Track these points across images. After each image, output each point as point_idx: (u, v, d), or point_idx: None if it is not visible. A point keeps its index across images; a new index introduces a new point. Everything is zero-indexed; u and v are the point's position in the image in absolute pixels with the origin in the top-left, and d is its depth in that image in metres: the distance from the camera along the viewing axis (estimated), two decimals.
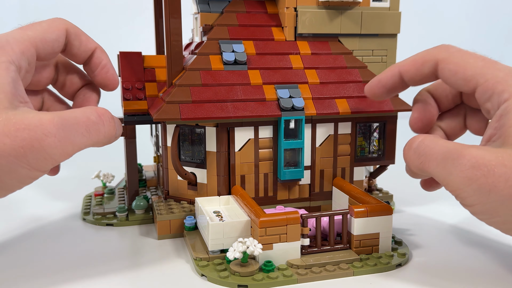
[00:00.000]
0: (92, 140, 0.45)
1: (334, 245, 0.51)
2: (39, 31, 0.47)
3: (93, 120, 0.45)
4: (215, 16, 0.65)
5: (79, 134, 0.43)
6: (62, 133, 0.42)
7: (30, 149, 0.40)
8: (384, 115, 0.62)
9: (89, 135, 0.44)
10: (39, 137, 0.40)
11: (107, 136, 0.46)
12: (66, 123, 0.42)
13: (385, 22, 0.66)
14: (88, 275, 0.49)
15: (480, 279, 0.48)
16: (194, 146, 0.60)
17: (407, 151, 0.47)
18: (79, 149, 0.44)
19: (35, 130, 0.40)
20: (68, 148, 0.43)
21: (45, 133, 0.41)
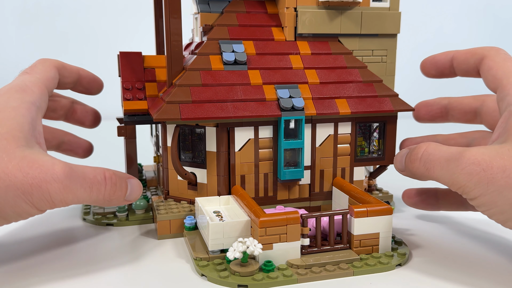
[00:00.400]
0: (92, 198, 0.48)
1: (334, 245, 0.51)
2: (43, 73, 0.55)
3: (98, 180, 0.48)
4: (215, 16, 0.65)
5: (82, 188, 0.47)
6: (68, 182, 0.45)
7: (37, 189, 0.44)
8: (384, 115, 0.62)
9: (91, 192, 0.48)
10: (48, 180, 0.44)
11: (107, 198, 0.50)
12: (74, 175, 0.46)
13: (385, 22, 0.66)
14: (88, 275, 0.49)
15: (480, 279, 0.48)
16: (194, 146, 0.60)
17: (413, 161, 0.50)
18: (78, 201, 0.47)
19: (46, 172, 0.44)
20: (69, 197, 0.46)
21: (54, 178, 0.44)
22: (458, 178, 0.45)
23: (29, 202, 0.44)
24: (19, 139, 0.46)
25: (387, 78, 0.68)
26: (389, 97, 0.62)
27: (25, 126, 0.47)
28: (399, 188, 0.73)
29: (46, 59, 0.58)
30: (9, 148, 0.44)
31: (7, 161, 0.44)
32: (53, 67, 0.57)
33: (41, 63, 0.57)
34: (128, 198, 0.52)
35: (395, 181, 0.72)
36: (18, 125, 0.47)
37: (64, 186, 0.45)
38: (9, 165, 0.43)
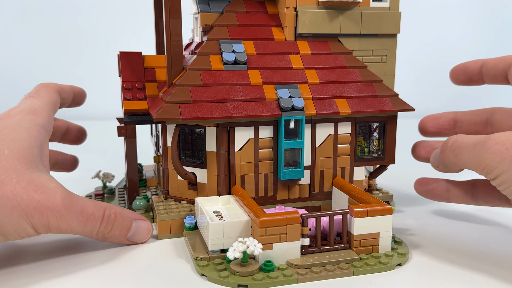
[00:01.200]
0: (86, 232, 0.51)
1: (334, 245, 0.51)
2: (48, 97, 0.57)
3: (95, 217, 0.50)
4: (215, 16, 0.65)
5: (77, 222, 0.49)
6: (65, 212, 0.47)
7: (38, 213, 0.46)
8: (384, 115, 0.63)
9: (85, 227, 0.50)
10: (48, 207, 0.46)
11: (100, 235, 0.52)
12: (73, 208, 0.48)
13: (385, 22, 0.66)
14: (88, 274, 0.49)
15: (480, 279, 0.48)
16: (194, 146, 0.60)
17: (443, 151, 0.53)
18: (73, 232, 0.50)
19: (47, 199, 0.47)
20: (63, 226, 0.48)
21: (54, 206, 0.47)
22: (483, 158, 0.47)
23: (30, 223, 0.46)
24: (29, 161, 0.48)
25: (387, 78, 0.68)
26: (389, 97, 0.62)
27: (35, 149, 0.50)
28: (399, 188, 0.73)
29: (47, 84, 0.61)
30: (19, 169, 0.47)
31: (16, 182, 0.46)
32: (55, 91, 0.60)
33: (44, 87, 0.60)
34: (131, 238, 0.55)
35: (395, 181, 0.73)
36: (29, 147, 0.49)
37: (60, 216, 0.47)
38: (17, 186, 0.46)
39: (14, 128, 0.50)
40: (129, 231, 0.54)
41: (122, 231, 0.53)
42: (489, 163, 0.47)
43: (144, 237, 0.56)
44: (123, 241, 0.54)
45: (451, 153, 0.52)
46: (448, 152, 0.52)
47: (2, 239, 0.47)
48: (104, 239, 0.53)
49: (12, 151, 0.48)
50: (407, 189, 0.77)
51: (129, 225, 0.54)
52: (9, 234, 0.46)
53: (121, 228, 0.53)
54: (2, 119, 0.52)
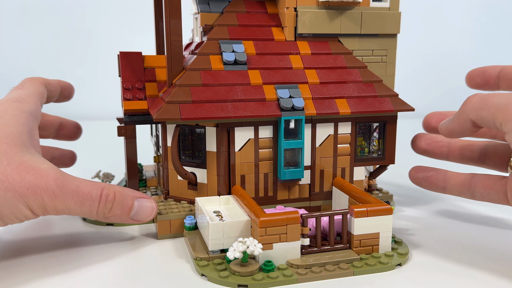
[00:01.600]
0: (85, 212, 0.50)
1: (334, 245, 0.51)
2: (34, 88, 0.58)
3: (92, 196, 0.49)
4: (215, 16, 0.65)
5: (73, 201, 0.48)
6: (59, 192, 0.47)
7: (32, 193, 0.46)
8: (384, 115, 0.63)
9: (82, 206, 0.49)
10: (41, 187, 0.46)
11: (101, 215, 0.51)
12: (67, 187, 0.48)
13: (385, 22, 0.66)
14: (88, 274, 0.49)
15: (481, 279, 0.48)
16: (194, 146, 0.60)
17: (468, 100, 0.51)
18: (71, 213, 0.49)
19: (40, 179, 0.46)
20: (59, 206, 0.48)
21: (47, 186, 0.47)
22: None
23: (25, 204, 0.46)
24: (19, 145, 0.48)
25: (387, 78, 0.68)
26: (389, 97, 0.62)
27: (24, 134, 0.50)
28: (399, 188, 0.73)
29: (33, 77, 0.61)
30: (9, 152, 0.47)
31: (6, 164, 0.46)
32: (41, 83, 0.60)
33: (30, 81, 0.60)
34: (134, 217, 0.53)
35: (395, 181, 0.73)
36: (18, 132, 0.49)
37: (55, 195, 0.47)
38: (8, 168, 0.46)
39: (0, 116, 0.50)
40: (132, 210, 0.52)
41: (123, 209, 0.52)
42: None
43: (148, 216, 0.54)
44: (126, 220, 0.53)
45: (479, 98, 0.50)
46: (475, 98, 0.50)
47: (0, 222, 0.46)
48: (106, 219, 0.51)
49: (0, 136, 0.48)
50: (407, 189, 0.77)
51: (131, 203, 0.52)
52: (6, 216, 0.46)
53: (122, 207, 0.52)
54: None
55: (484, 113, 0.49)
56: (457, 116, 0.53)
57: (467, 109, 0.51)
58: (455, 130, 0.54)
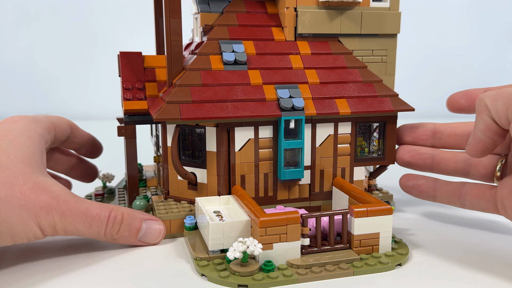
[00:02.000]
0: (92, 234, 0.51)
1: (334, 245, 0.51)
2: (55, 119, 0.60)
3: (100, 218, 0.51)
4: (215, 16, 0.65)
5: (81, 222, 0.50)
6: (69, 213, 0.49)
7: (45, 214, 0.48)
8: (384, 115, 0.63)
9: (90, 228, 0.51)
10: (53, 207, 0.48)
11: (108, 237, 0.52)
12: (76, 208, 0.49)
13: (385, 22, 0.66)
14: (88, 274, 0.49)
15: (480, 278, 0.48)
16: (194, 146, 0.60)
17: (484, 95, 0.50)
18: (79, 234, 0.51)
19: (52, 200, 0.48)
20: (68, 227, 0.49)
21: (59, 207, 0.48)
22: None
23: (37, 224, 0.48)
24: (33, 166, 0.50)
25: (387, 78, 0.68)
26: (389, 97, 0.62)
27: (37, 155, 0.52)
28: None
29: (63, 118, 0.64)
30: (25, 172, 0.49)
31: (23, 183, 0.48)
32: (67, 122, 0.63)
33: (57, 116, 0.62)
34: (142, 239, 0.54)
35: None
36: (32, 154, 0.51)
37: (65, 216, 0.49)
38: (24, 187, 0.48)
39: (17, 135, 0.52)
40: (140, 232, 0.54)
41: (131, 232, 0.53)
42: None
43: (155, 238, 0.55)
44: (134, 242, 0.54)
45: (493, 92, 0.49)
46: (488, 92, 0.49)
47: (9, 240, 0.47)
48: (114, 240, 0.53)
49: (17, 156, 0.50)
50: None
51: (139, 225, 0.54)
52: (16, 234, 0.47)
53: (129, 229, 0.53)
54: (3, 123, 0.54)
55: (499, 104, 0.48)
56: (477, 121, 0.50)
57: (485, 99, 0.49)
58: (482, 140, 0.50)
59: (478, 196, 0.56)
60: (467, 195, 0.57)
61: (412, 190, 0.62)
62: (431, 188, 0.60)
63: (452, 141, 0.62)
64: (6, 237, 0.47)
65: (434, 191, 0.60)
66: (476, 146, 0.51)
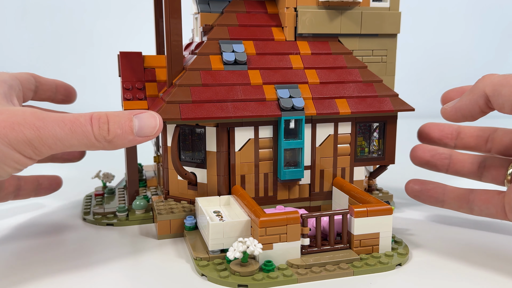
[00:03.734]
0: (81, 141, 0.46)
1: (334, 245, 0.51)
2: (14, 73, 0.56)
3: (80, 122, 0.46)
4: (215, 16, 0.65)
5: (61, 130, 0.45)
6: (41, 124, 0.44)
7: (10, 130, 0.43)
8: (384, 115, 0.63)
9: (74, 134, 0.45)
10: (19, 122, 0.43)
11: (101, 139, 0.47)
12: (48, 118, 0.45)
13: (385, 22, 0.66)
14: (88, 274, 0.49)
15: (480, 278, 0.48)
16: (194, 146, 0.60)
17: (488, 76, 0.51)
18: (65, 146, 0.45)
19: (15, 115, 0.44)
20: (48, 139, 0.44)
21: (25, 121, 0.44)
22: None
23: (9, 145, 0.43)
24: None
25: (387, 78, 0.68)
26: (389, 97, 0.62)
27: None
28: (399, 188, 0.73)
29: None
30: None
31: None
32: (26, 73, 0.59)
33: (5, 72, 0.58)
34: (140, 133, 0.48)
35: (395, 181, 0.73)
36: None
37: (37, 128, 0.44)
38: None
39: None
40: (134, 127, 0.48)
41: (123, 128, 0.47)
42: None
43: (153, 127, 0.49)
44: (133, 139, 0.48)
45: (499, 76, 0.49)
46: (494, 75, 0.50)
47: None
48: (110, 143, 0.47)
49: None
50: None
51: (129, 121, 0.48)
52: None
53: (120, 126, 0.47)
54: None
55: (504, 90, 0.48)
56: (470, 92, 0.52)
57: (484, 84, 0.50)
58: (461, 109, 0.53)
59: (486, 201, 0.56)
60: (476, 200, 0.57)
61: (420, 195, 0.61)
62: (440, 193, 0.60)
63: (474, 142, 0.63)
64: None
65: (443, 196, 0.60)
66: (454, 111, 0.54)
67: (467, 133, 0.63)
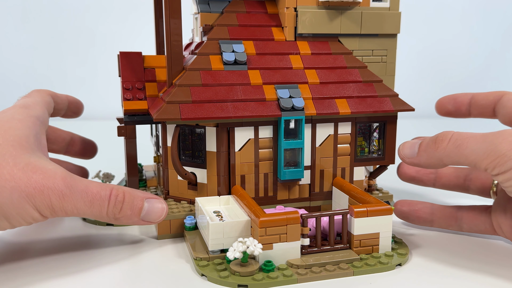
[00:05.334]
0: (94, 213, 0.49)
1: (334, 245, 0.51)
2: (40, 97, 0.58)
3: (101, 196, 0.48)
4: (215, 16, 0.65)
5: (82, 201, 0.47)
6: (67, 191, 0.46)
7: (40, 193, 0.45)
8: (384, 115, 0.63)
9: (91, 207, 0.48)
10: (49, 186, 0.46)
11: (111, 216, 0.50)
12: (75, 187, 0.47)
13: (385, 22, 0.66)
14: (88, 274, 0.49)
15: (480, 278, 0.48)
16: (194, 146, 0.60)
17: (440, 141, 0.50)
18: (79, 214, 0.48)
19: (48, 178, 0.46)
20: (68, 207, 0.47)
21: (54, 186, 0.46)
22: (498, 147, 0.45)
23: (33, 205, 0.45)
24: (25, 148, 0.48)
25: (387, 78, 0.68)
26: (389, 97, 0.62)
27: (30, 138, 0.49)
28: (399, 188, 0.73)
29: (40, 89, 0.62)
30: (15, 155, 0.46)
31: (13, 165, 0.45)
32: (47, 94, 0.61)
33: (37, 91, 0.60)
34: (145, 218, 0.52)
35: (395, 181, 0.73)
36: (24, 136, 0.49)
37: (63, 195, 0.46)
38: (14, 168, 0.45)
39: (7, 120, 0.50)
40: (142, 211, 0.51)
41: (133, 210, 0.51)
42: (505, 153, 0.45)
43: (158, 216, 0.52)
44: (137, 221, 0.52)
45: (452, 144, 0.49)
46: (446, 143, 0.49)
47: (6, 224, 0.46)
48: (116, 220, 0.50)
49: (7, 139, 0.47)
50: (407, 189, 0.77)
51: (141, 204, 0.51)
52: (12, 218, 0.45)
53: (132, 208, 0.50)
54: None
55: (461, 160, 0.49)
56: (427, 156, 0.51)
57: (440, 155, 0.50)
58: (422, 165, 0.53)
59: (474, 218, 0.57)
60: (464, 218, 0.58)
61: (409, 216, 0.61)
62: (428, 213, 0.60)
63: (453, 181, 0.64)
64: (1, 221, 0.45)
65: (431, 216, 0.60)
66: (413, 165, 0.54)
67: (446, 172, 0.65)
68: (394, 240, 0.55)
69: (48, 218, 0.47)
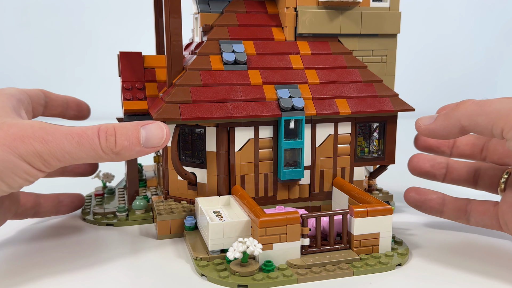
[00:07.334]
0: (89, 154, 0.47)
1: (334, 245, 0.51)
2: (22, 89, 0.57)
3: (88, 135, 0.46)
4: (215, 16, 0.65)
5: (69, 144, 0.45)
6: (50, 137, 0.45)
7: (20, 143, 0.44)
8: (384, 115, 0.62)
9: (81, 147, 0.46)
10: (28, 135, 0.44)
11: (108, 151, 0.47)
12: (57, 132, 0.46)
13: (385, 22, 0.66)
14: (88, 275, 0.49)
15: (480, 279, 0.48)
16: (194, 146, 0.60)
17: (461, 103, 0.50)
18: (74, 159, 0.46)
19: (25, 129, 0.45)
20: (56, 152, 0.45)
21: (34, 134, 0.45)
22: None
23: (19, 156, 0.44)
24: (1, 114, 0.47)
25: (387, 78, 0.68)
26: (389, 97, 0.62)
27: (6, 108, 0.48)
28: (399, 188, 0.73)
29: None
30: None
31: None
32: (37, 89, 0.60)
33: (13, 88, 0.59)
34: (147, 145, 0.48)
35: (395, 181, 0.73)
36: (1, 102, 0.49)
37: (45, 140, 0.45)
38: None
39: None
40: (141, 138, 0.48)
41: (131, 140, 0.47)
42: None
43: (160, 138, 0.49)
44: (140, 151, 0.48)
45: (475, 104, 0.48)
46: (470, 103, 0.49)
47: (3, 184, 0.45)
48: (117, 155, 0.47)
49: None
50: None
51: (136, 132, 0.48)
52: (5, 175, 0.44)
53: (128, 138, 0.47)
54: None
55: (480, 119, 0.47)
56: (445, 118, 0.51)
57: (460, 114, 0.49)
58: (437, 132, 0.52)
59: (482, 212, 0.56)
60: (473, 211, 0.57)
61: (422, 205, 0.61)
62: (440, 204, 0.60)
63: (469, 150, 0.63)
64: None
65: (442, 207, 0.60)
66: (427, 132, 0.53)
67: (463, 141, 0.64)
68: (394, 240, 0.55)
69: (45, 171, 0.46)
